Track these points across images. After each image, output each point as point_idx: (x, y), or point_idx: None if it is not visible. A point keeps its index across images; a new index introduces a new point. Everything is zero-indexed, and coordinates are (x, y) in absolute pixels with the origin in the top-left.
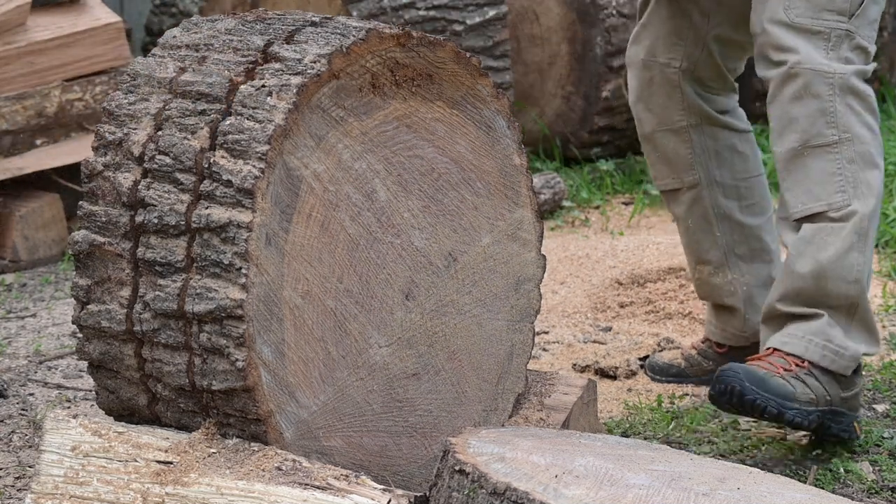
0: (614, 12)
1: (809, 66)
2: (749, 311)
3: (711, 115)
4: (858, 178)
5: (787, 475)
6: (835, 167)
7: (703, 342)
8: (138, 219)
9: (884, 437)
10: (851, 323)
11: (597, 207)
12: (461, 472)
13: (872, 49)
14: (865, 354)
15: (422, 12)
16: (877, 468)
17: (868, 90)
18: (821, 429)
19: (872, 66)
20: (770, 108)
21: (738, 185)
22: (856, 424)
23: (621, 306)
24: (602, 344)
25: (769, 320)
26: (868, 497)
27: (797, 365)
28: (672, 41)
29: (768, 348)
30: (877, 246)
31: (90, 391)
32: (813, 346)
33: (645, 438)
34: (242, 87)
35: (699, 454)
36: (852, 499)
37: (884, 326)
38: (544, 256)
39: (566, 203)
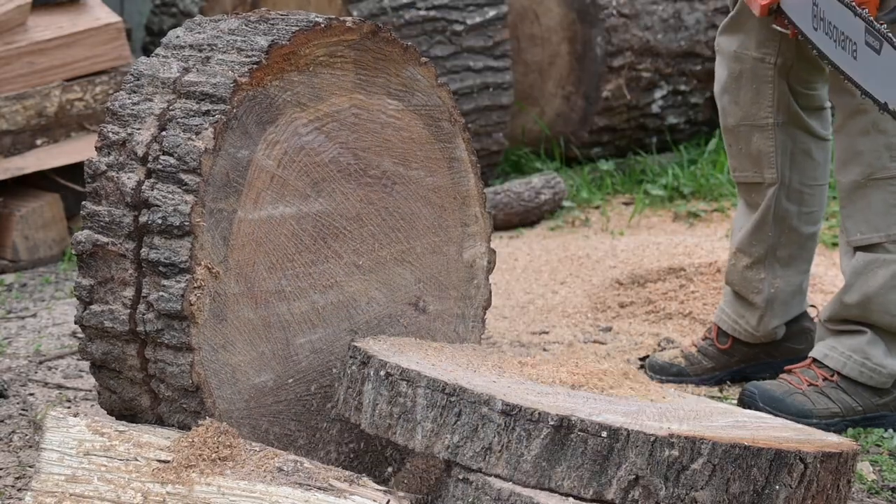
0: (614, 12)
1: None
2: (768, 313)
3: (798, 115)
4: None
5: None
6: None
7: (703, 339)
8: (142, 219)
9: (884, 437)
10: (892, 341)
11: (597, 207)
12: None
13: None
14: None
15: (422, 12)
16: (877, 468)
17: None
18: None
19: None
20: (837, 136)
21: (803, 191)
22: None
23: (621, 306)
24: (602, 344)
25: (824, 324)
26: (868, 497)
27: (825, 378)
28: (765, 35)
29: (809, 357)
30: None
31: (90, 391)
32: (851, 363)
33: None
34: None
35: None
36: (853, 499)
37: None
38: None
39: (566, 203)
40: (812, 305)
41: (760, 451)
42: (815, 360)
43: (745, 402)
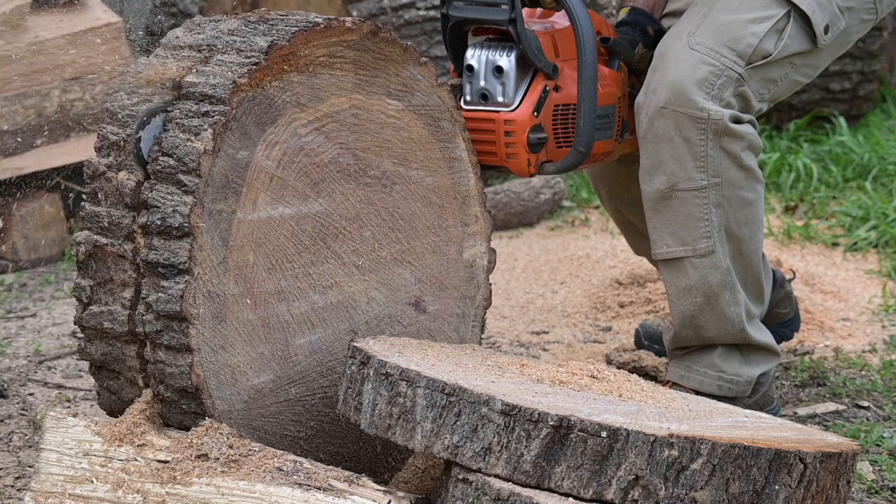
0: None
1: (682, 109)
2: None
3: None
4: (723, 222)
5: None
6: (702, 212)
7: None
8: (141, 220)
9: (884, 437)
10: (745, 350)
11: (597, 207)
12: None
13: (757, 105)
14: (763, 372)
15: (422, 12)
16: (877, 468)
17: (746, 129)
18: None
19: (750, 117)
20: (642, 143)
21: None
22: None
23: (621, 306)
24: (602, 344)
25: (671, 352)
26: (868, 497)
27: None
28: None
29: (667, 381)
30: (875, 246)
31: (90, 391)
32: (708, 380)
33: None
34: None
35: None
36: (852, 499)
37: (884, 326)
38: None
39: (566, 203)
40: (793, 272)
41: (760, 451)
42: (674, 382)
43: None
